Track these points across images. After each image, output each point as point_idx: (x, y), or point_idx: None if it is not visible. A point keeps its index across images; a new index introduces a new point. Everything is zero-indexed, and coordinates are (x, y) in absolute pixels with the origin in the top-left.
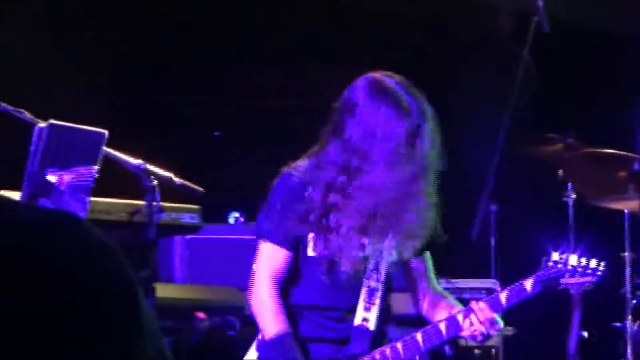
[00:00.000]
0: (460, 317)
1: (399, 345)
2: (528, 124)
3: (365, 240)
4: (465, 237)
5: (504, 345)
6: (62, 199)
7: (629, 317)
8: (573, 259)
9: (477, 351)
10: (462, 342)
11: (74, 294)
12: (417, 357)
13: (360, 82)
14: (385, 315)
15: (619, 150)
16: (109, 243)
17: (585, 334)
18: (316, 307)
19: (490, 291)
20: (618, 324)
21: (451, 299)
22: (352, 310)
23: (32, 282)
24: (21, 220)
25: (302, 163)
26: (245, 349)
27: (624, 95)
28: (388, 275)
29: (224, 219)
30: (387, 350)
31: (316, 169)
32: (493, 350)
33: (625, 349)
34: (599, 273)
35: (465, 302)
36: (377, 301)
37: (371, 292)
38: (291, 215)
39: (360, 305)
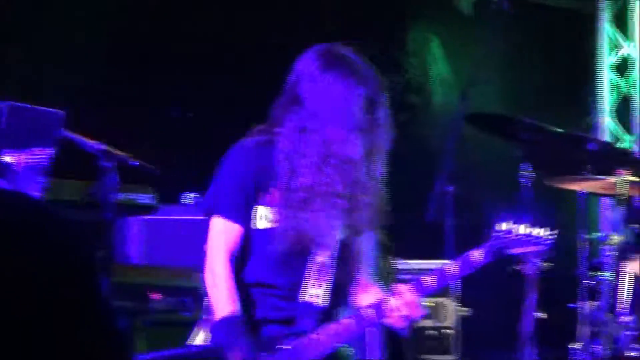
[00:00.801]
0: (383, 303)
1: (347, 321)
2: (485, 104)
3: (315, 216)
4: (421, 218)
5: (460, 327)
6: (18, 179)
7: (584, 298)
8: (521, 228)
9: (433, 332)
10: (418, 324)
11: (33, 274)
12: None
13: (313, 52)
14: (338, 292)
15: (575, 131)
16: (67, 222)
17: (541, 314)
18: (264, 285)
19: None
20: (573, 305)
21: (382, 285)
22: (299, 287)
23: None
24: None
25: (250, 138)
26: None
27: (579, 76)
28: (339, 251)
29: (180, 200)
30: (336, 325)
31: (268, 143)
32: (449, 331)
33: (580, 330)
34: (547, 242)
35: None
36: (329, 277)
37: (320, 270)
38: (242, 189)
39: (309, 281)
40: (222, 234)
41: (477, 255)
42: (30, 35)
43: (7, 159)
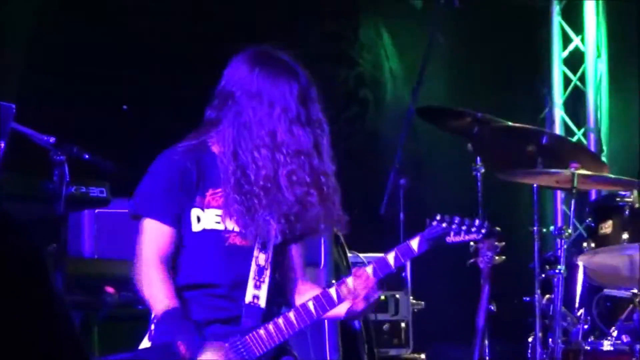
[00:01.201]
0: (333, 291)
1: (291, 315)
2: (437, 98)
3: (254, 218)
4: (374, 212)
5: (413, 319)
6: None
7: (538, 291)
8: (457, 219)
9: (386, 325)
10: (372, 317)
11: None
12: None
13: (241, 55)
14: (274, 295)
15: (527, 124)
16: (15, 219)
17: (492, 307)
18: (204, 286)
19: (400, 266)
20: (527, 298)
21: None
22: (241, 287)
23: None
24: None
25: (180, 144)
26: None
27: (533, 70)
28: (275, 255)
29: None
30: (280, 320)
31: (200, 146)
32: (402, 324)
33: (535, 323)
34: (483, 231)
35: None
36: (266, 279)
37: (260, 271)
38: (171, 193)
39: (250, 283)
40: (154, 236)
41: (413, 244)
42: None
43: None
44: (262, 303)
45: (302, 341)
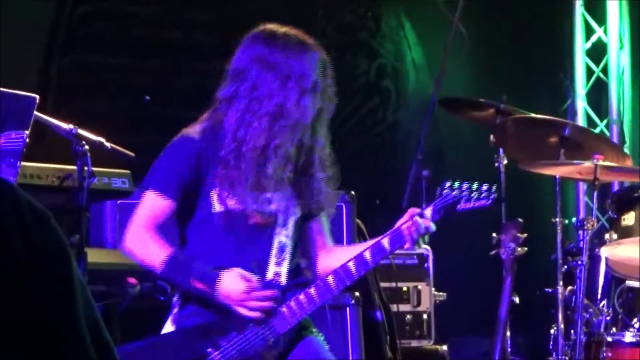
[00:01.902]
0: (367, 253)
1: (311, 290)
2: (459, 89)
3: (272, 195)
4: (397, 203)
5: (435, 311)
6: None
7: (560, 282)
8: (465, 185)
9: (408, 317)
10: (394, 308)
11: (7, 260)
12: (330, 299)
13: (252, 35)
14: (295, 272)
15: (550, 115)
16: (40, 208)
17: (515, 299)
18: (226, 267)
19: (422, 257)
20: (549, 290)
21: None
22: (262, 266)
23: None
24: None
25: (194, 126)
26: None
27: (556, 61)
28: (295, 232)
29: None
30: (301, 297)
31: (215, 127)
32: (424, 315)
33: (557, 315)
34: (492, 196)
35: (397, 268)
36: (287, 256)
37: (281, 248)
38: (184, 168)
39: (272, 260)
40: (150, 205)
41: (427, 212)
42: None
43: None
44: (283, 280)
45: (323, 331)
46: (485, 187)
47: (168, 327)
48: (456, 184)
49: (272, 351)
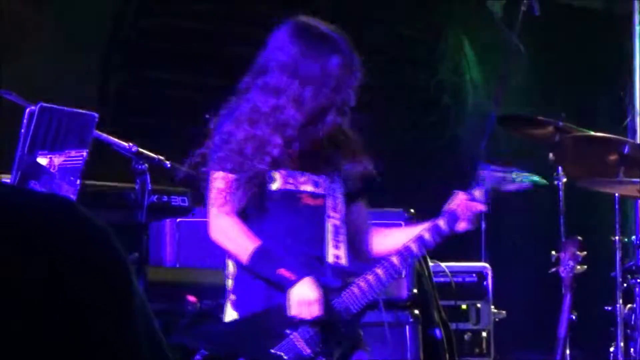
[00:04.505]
0: (426, 233)
1: (379, 270)
2: (518, 106)
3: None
4: None
5: (495, 329)
6: (53, 181)
7: (620, 300)
8: (508, 168)
9: (467, 335)
10: (453, 326)
11: (67, 278)
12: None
13: (282, 26)
14: (352, 253)
15: (609, 133)
16: (101, 226)
17: (573, 316)
18: (285, 247)
19: (481, 275)
20: (609, 308)
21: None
22: (319, 248)
23: (25, 267)
24: (13, 205)
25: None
26: None
27: (615, 78)
28: (347, 213)
29: None
30: (370, 276)
31: (256, 110)
32: (484, 333)
33: (616, 333)
34: (535, 179)
35: (456, 286)
36: (343, 238)
37: (336, 230)
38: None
39: (330, 243)
40: (222, 186)
41: (476, 193)
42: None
43: (42, 161)
44: (344, 261)
45: (382, 349)
46: (526, 172)
47: (230, 312)
48: (497, 166)
49: (347, 331)
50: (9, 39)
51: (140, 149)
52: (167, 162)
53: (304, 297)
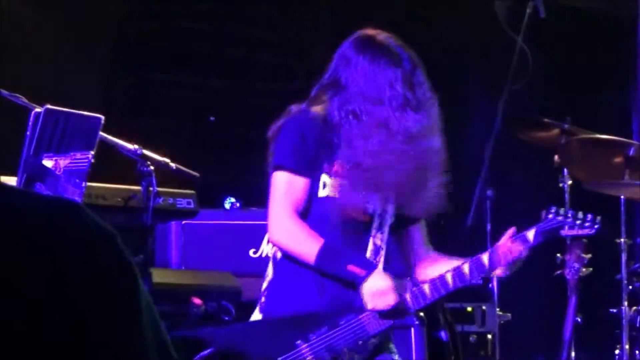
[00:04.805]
0: (466, 266)
1: (407, 296)
2: (524, 109)
3: (372, 197)
4: (461, 223)
5: (500, 331)
6: (58, 184)
7: (625, 302)
8: (571, 212)
9: (472, 337)
10: (459, 328)
11: (70, 278)
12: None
13: (350, 38)
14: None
15: (615, 135)
16: (107, 228)
17: (578, 319)
18: None
19: (486, 278)
20: (614, 310)
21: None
22: None
23: (27, 268)
24: (17, 206)
25: (305, 111)
26: None
27: (620, 80)
28: (394, 237)
29: (220, 204)
30: (416, 290)
31: (321, 117)
32: (489, 335)
33: (622, 335)
34: (596, 226)
35: (462, 288)
36: (381, 259)
37: (376, 250)
38: (305, 148)
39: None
40: (286, 187)
41: (529, 235)
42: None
43: (48, 163)
44: None
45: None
46: (590, 216)
47: (256, 314)
48: (562, 210)
49: (358, 355)
50: (9, 39)
51: (145, 152)
52: (173, 165)
53: (377, 289)
